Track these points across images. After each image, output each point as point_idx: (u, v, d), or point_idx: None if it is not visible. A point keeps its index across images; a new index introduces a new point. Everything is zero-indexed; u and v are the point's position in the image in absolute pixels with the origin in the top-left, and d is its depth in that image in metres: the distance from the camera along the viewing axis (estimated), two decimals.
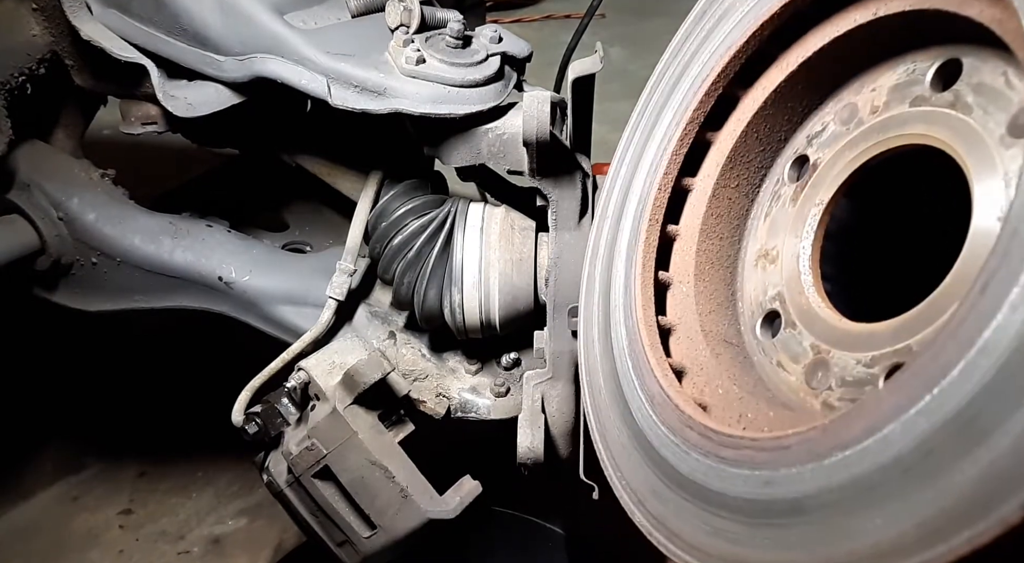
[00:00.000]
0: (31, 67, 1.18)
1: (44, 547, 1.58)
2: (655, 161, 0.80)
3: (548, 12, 4.14)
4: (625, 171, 0.85)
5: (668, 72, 0.85)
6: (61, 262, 1.21)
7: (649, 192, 0.79)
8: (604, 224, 0.87)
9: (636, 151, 0.85)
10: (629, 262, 0.79)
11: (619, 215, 0.84)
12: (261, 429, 1.08)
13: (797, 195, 0.75)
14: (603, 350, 0.80)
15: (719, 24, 0.79)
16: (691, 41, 0.82)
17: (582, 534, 1.48)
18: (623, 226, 0.82)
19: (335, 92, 1.00)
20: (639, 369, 0.72)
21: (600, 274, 0.84)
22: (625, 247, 0.80)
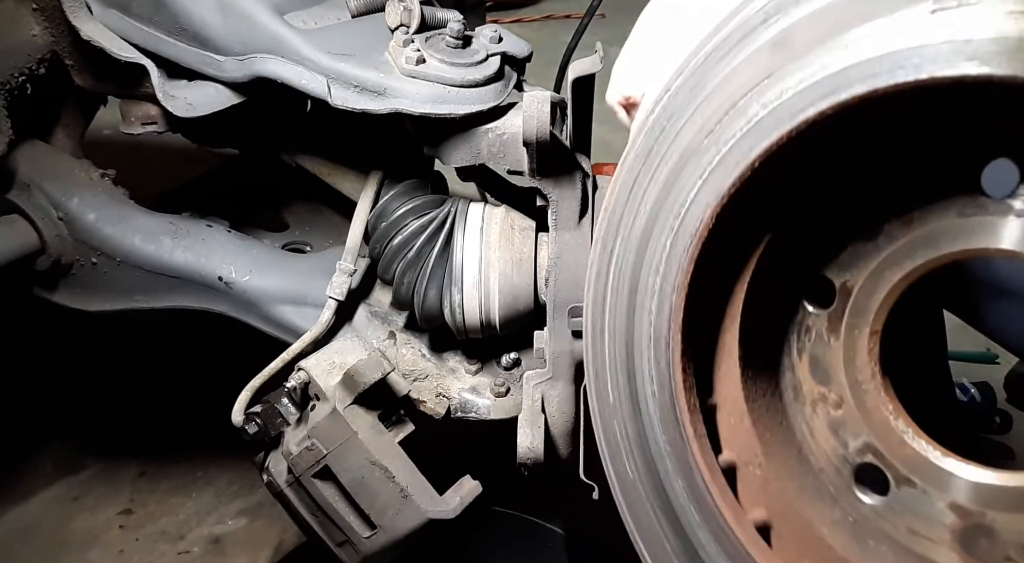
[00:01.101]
0: (31, 67, 1.18)
1: (44, 547, 1.58)
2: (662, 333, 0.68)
3: (548, 12, 4.15)
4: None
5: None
6: (61, 262, 1.21)
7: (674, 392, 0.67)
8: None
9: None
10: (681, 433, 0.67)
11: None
12: (261, 429, 1.08)
13: (835, 326, 0.67)
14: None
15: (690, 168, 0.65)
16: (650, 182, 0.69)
17: (582, 534, 1.48)
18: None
19: (335, 92, 1.00)
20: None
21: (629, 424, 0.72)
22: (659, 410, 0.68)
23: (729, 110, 0.59)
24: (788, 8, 0.57)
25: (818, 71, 0.54)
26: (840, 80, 0.52)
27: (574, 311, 1.01)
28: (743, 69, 0.60)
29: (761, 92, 0.57)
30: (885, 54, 0.51)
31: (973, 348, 2.12)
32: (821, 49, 0.54)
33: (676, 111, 0.64)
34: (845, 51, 0.53)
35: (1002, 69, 0.46)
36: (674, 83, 0.64)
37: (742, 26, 0.60)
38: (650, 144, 0.66)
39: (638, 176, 0.67)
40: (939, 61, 0.48)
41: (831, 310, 0.67)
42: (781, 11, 0.58)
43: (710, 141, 0.61)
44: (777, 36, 0.58)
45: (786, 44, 0.57)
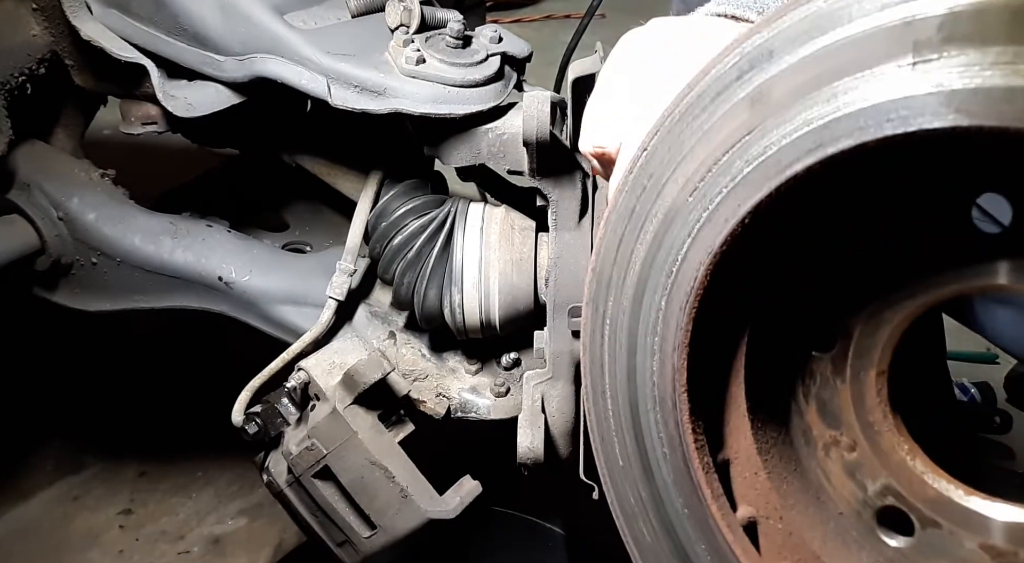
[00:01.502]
0: (31, 67, 1.18)
1: (44, 547, 1.58)
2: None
3: (548, 12, 4.15)
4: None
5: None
6: (61, 262, 1.21)
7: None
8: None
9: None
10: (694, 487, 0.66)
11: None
12: (261, 429, 1.08)
13: (840, 369, 0.66)
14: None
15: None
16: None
17: (582, 534, 1.48)
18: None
19: (335, 92, 1.00)
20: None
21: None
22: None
23: (712, 167, 0.59)
24: (762, 64, 0.57)
25: (802, 126, 0.54)
26: (826, 134, 0.52)
27: (574, 311, 1.01)
28: (722, 126, 0.59)
29: (744, 148, 0.57)
30: (870, 107, 0.50)
31: (973, 348, 2.12)
32: (802, 103, 0.54)
33: (656, 170, 0.64)
34: (828, 105, 0.52)
35: (991, 120, 0.46)
36: (650, 142, 0.64)
37: (715, 83, 0.60)
38: (632, 203, 0.66)
39: (623, 235, 0.67)
40: (927, 113, 0.48)
41: (834, 353, 0.66)
42: (755, 67, 0.57)
43: (696, 199, 0.60)
44: (754, 92, 0.57)
45: (765, 99, 0.57)
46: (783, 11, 0.56)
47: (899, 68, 0.50)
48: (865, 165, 0.53)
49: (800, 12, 0.55)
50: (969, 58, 0.48)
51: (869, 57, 0.52)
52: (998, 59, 0.47)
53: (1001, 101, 0.46)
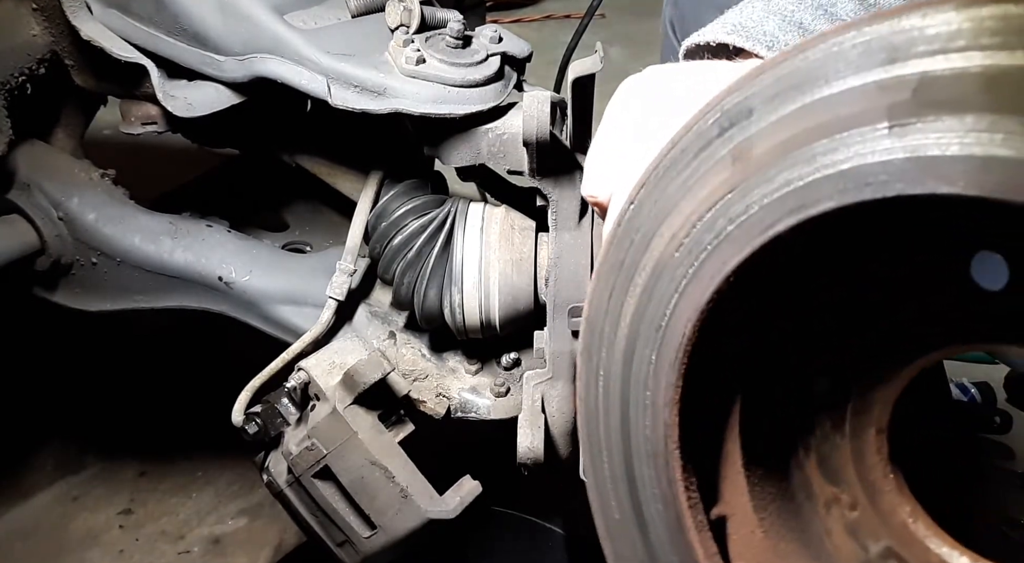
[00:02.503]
0: (31, 67, 1.18)
1: (44, 547, 1.58)
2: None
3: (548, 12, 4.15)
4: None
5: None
6: (61, 262, 1.21)
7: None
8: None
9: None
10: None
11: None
12: (261, 429, 1.08)
13: (839, 424, 0.64)
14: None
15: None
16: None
17: (582, 534, 1.48)
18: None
19: (335, 92, 1.00)
20: None
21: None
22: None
23: (696, 224, 0.58)
24: (741, 121, 0.56)
25: (783, 186, 0.52)
26: (808, 195, 0.51)
27: (574, 311, 1.02)
28: (705, 182, 0.59)
29: (727, 206, 0.56)
30: (849, 169, 0.49)
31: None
32: (783, 162, 0.53)
33: (643, 224, 0.63)
34: (808, 166, 0.51)
35: (971, 190, 0.45)
36: (637, 195, 0.64)
37: (698, 139, 0.59)
38: (621, 256, 0.65)
39: (614, 288, 0.66)
40: (906, 179, 0.47)
41: (834, 410, 0.65)
42: (736, 124, 0.56)
43: (682, 255, 0.60)
44: (735, 149, 0.56)
45: (746, 157, 0.56)
46: (762, 69, 0.55)
47: (876, 131, 0.49)
48: (853, 224, 0.52)
49: (778, 70, 0.54)
50: (946, 124, 0.46)
51: (846, 119, 0.50)
52: (975, 126, 0.46)
53: (980, 170, 0.45)
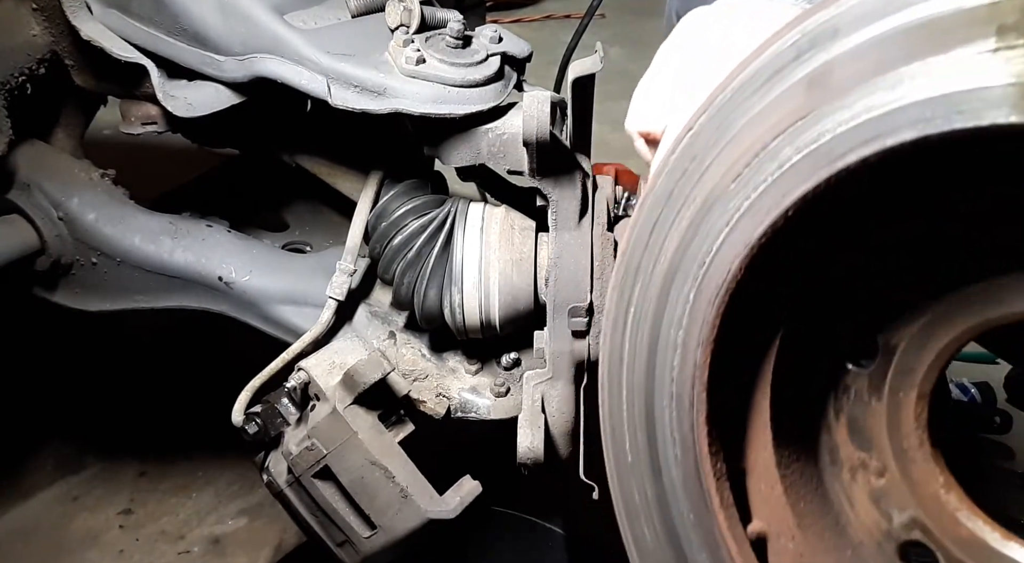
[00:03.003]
0: (31, 67, 1.18)
1: (44, 547, 1.58)
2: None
3: (548, 12, 4.15)
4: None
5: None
6: (61, 262, 1.21)
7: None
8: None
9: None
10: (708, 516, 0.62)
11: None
12: (261, 429, 1.08)
13: (877, 387, 0.62)
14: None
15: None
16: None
17: (582, 534, 1.48)
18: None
19: (335, 92, 1.00)
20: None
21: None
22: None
23: (759, 153, 0.54)
24: (824, 43, 0.52)
25: (861, 113, 0.48)
26: (887, 124, 0.47)
27: (574, 311, 1.01)
28: (774, 108, 0.54)
29: (795, 134, 0.52)
30: (939, 96, 0.45)
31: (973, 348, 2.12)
32: (864, 89, 0.49)
33: (700, 152, 0.58)
34: (892, 92, 0.47)
35: None
36: (697, 121, 0.59)
37: (772, 62, 0.55)
38: (671, 186, 0.61)
39: (658, 220, 0.62)
40: (1004, 106, 0.43)
41: (872, 369, 0.62)
42: (816, 46, 0.52)
43: (738, 185, 0.55)
44: (813, 73, 0.52)
45: (823, 82, 0.52)
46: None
47: (978, 54, 0.45)
48: (926, 159, 0.48)
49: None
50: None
51: (945, 40, 0.46)
52: None
53: None
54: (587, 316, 1.01)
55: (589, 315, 1.02)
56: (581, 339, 1.04)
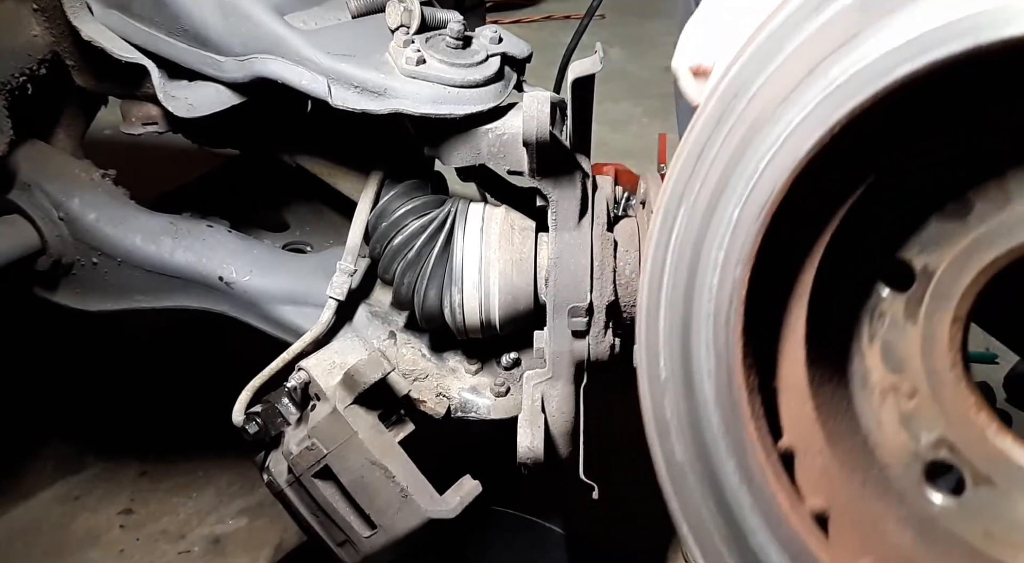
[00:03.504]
0: (32, 67, 1.18)
1: (44, 547, 1.58)
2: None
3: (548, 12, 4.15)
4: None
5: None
6: (62, 262, 1.21)
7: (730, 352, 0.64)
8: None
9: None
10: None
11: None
12: (261, 429, 1.09)
13: (913, 311, 0.63)
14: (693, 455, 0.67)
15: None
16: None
17: (582, 534, 1.48)
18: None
19: (335, 92, 1.00)
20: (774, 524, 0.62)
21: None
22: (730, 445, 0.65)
23: (809, 74, 0.55)
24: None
25: (911, 28, 0.50)
26: (937, 36, 0.48)
27: (574, 311, 1.02)
28: (825, 31, 0.56)
29: (845, 53, 0.53)
30: (990, 8, 0.46)
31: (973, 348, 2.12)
32: (916, 4, 0.50)
33: (751, 75, 0.60)
34: (945, 5, 0.48)
35: None
36: (749, 47, 0.60)
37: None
38: (721, 109, 0.62)
39: (707, 143, 0.63)
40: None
41: (909, 294, 0.63)
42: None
43: (786, 106, 0.57)
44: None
45: (877, 3, 0.53)
46: None
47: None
48: (970, 73, 0.49)
49: None
50: None
51: None
52: None
53: None
54: (587, 316, 1.02)
55: (589, 315, 1.02)
56: (581, 339, 1.04)
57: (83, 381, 1.87)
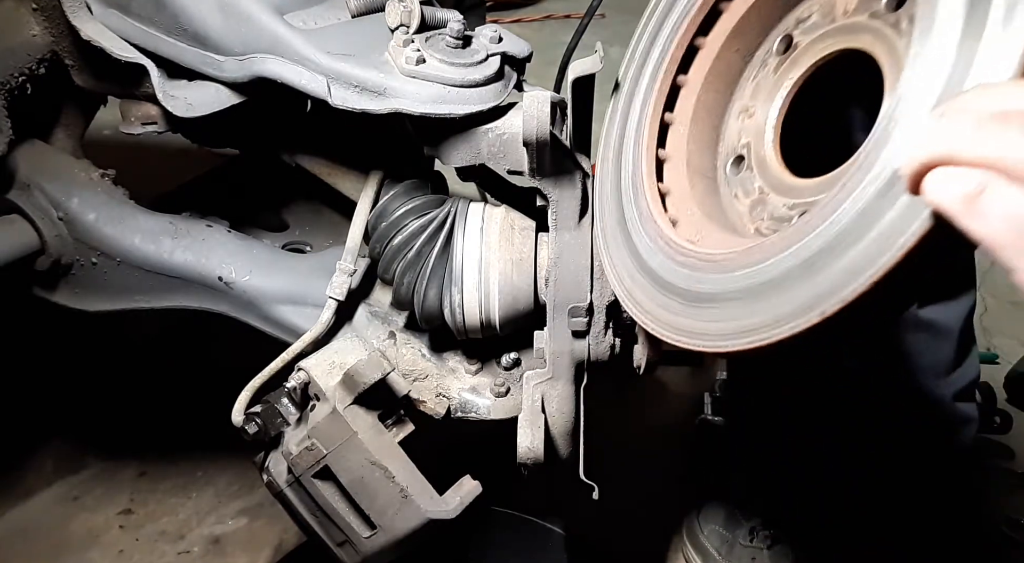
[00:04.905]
0: (31, 67, 1.18)
1: (44, 547, 1.58)
2: (676, 24, 0.94)
3: (548, 12, 4.15)
4: (647, 36, 0.99)
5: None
6: (61, 262, 1.21)
7: (668, 48, 0.94)
8: (628, 73, 1.00)
9: (658, 22, 0.98)
10: (645, 103, 0.95)
11: (641, 67, 0.98)
12: (261, 429, 1.09)
13: (779, 68, 0.87)
14: (613, 172, 0.97)
15: None
16: None
17: (582, 534, 1.48)
18: (644, 76, 0.97)
19: (335, 92, 1.00)
20: (637, 189, 0.91)
21: (619, 116, 0.99)
22: (643, 91, 0.96)
23: None
24: None
25: None
26: None
27: (574, 311, 1.02)
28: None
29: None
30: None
31: None
32: None
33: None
34: None
35: None
36: None
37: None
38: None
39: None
40: None
41: (783, 57, 0.87)
42: None
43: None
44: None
45: None
46: None
47: None
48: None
49: None
50: None
51: None
52: None
53: None
54: (587, 316, 1.02)
55: (589, 315, 1.02)
56: (581, 339, 1.04)
57: (83, 381, 1.87)
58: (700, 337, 0.74)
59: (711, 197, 0.90)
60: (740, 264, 0.72)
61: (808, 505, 1.54)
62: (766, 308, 0.67)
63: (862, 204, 0.59)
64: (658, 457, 1.80)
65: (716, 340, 0.72)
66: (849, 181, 0.61)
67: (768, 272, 0.67)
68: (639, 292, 0.86)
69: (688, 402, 1.90)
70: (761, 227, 0.82)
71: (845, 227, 0.60)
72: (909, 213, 0.54)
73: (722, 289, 0.73)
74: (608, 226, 0.95)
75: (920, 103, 0.56)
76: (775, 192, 0.82)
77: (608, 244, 0.94)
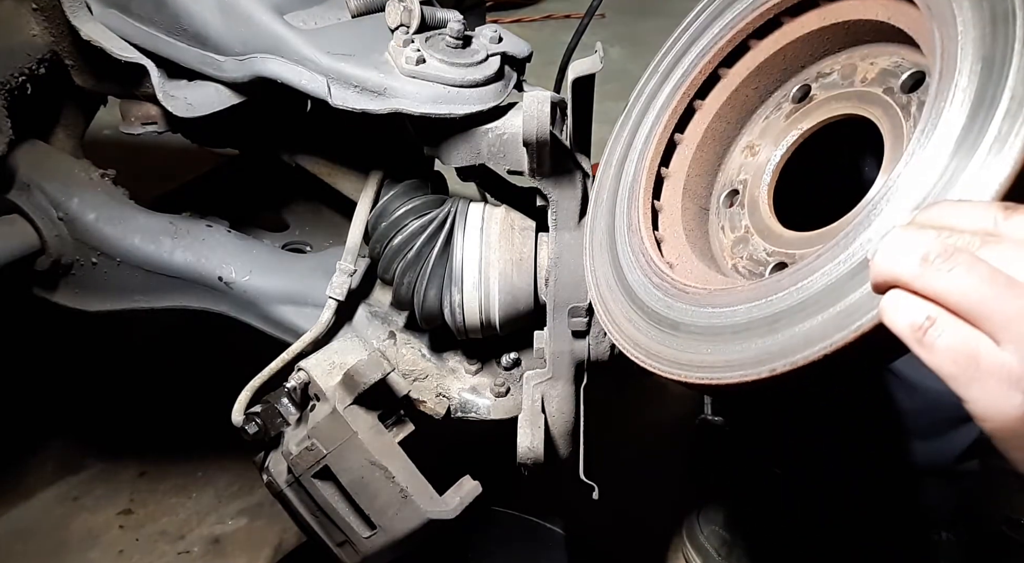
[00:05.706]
0: (31, 67, 1.18)
1: (44, 547, 1.58)
2: (704, 50, 0.95)
3: (548, 12, 4.15)
4: (674, 54, 1.00)
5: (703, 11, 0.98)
6: (61, 262, 1.21)
7: (691, 71, 0.95)
8: (648, 85, 1.01)
9: (687, 43, 0.99)
10: (658, 119, 0.96)
11: (661, 83, 0.99)
12: (261, 429, 1.08)
13: (791, 115, 0.90)
14: (613, 178, 0.98)
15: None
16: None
17: (582, 534, 1.48)
18: (662, 93, 0.98)
19: (335, 92, 1.00)
20: (632, 201, 0.93)
21: (631, 125, 1.01)
22: (659, 107, 0.98)
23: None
24: None
25: None
26: None
27: (574, 311, 1.02)
28: None
29: None
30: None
31: None
32: None
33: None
34: None
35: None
36: None
37: None
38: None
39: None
40: None
41: (797, 105, 0.90)
42: None
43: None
44: None
45: None
46: None
47: None
48: None
49: None
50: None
51: None
52: None
53: None
54: (587, 316, 1.02)
55: (589, 315, 1.02)
56: (581, 339, 1.04)
57: (83, 381, 1.87)
58: (656, 359, 0.77)
59: (699, 224, 0.93)
60: (709, 302, 0.75)
61: (808, 505, 1.54)
62: (723, 350, 0.70)
63: (832, 279, 0.62)
64: (658, 457, 1.80)
65: (670, 366, 0.75)
66: (827, 253, 0.64)
67: (732, 317, 0.71)
68: (611, 301, 0.88)
69: (688, 402, 1.90)
70: (739, 265, 0.85)
71: (812, 296, 0.64)
72: (871, 300, 0.56)
73: (688, 320, 0.76)
74: (597, 229, 0.96)
75: (901, 205, 0.60)
76: (759, 235, 0.85)
77: (593, 248, 0.96)
